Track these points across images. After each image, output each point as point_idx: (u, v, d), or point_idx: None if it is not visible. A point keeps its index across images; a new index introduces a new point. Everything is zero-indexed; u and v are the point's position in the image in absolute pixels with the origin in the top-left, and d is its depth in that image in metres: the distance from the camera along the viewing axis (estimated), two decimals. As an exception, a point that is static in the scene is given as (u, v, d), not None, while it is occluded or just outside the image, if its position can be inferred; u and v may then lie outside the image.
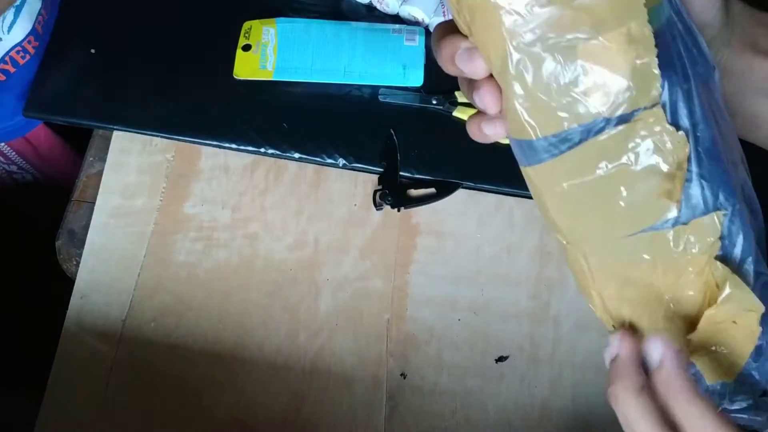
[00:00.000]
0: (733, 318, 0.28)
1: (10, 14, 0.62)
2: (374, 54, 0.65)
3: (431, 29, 0.67)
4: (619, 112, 0.25)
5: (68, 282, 0.61)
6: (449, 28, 0.29)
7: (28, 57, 0.65)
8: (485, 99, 0.28)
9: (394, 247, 0.62)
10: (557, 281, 0.62)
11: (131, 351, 0.58)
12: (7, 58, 0.64)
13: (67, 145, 0.81)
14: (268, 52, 0.65)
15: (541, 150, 0.27)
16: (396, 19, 0.68)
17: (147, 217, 0.62)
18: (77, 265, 0.61)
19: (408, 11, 0.67)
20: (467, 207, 0.63)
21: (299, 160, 0.63)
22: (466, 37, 0.28)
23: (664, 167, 0.26)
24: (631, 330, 0.30)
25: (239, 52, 0.65)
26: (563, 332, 0.61)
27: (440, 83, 0.65)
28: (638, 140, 0.26)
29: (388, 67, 0.64)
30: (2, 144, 0.73)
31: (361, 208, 0.63)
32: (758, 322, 0.28)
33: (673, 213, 0.27)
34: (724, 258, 0.28)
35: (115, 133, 0.64)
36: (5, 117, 0.68)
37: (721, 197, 0.27)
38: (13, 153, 0.76)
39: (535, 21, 0.24)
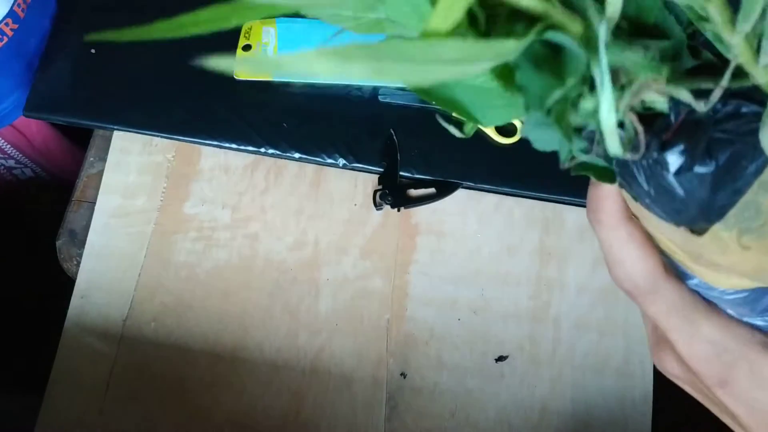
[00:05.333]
0: None
1: None
2: (374, 54, 0.65)
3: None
4: None
5: (68, 282, 0.61)
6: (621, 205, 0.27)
7: (6, 39, 0.64)
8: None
9: (394, 247, 0.62)
10: (557, 281, 0.62)
11: (131, 351, 0.58)
12: None
13: (63, 136, 0.81)
14: (269, 53, 0.65)
15: None
16: (396, 19, 0.68)
17: (147, 217, 0.62)
18: (77, 265, 0.61)
19: (408, 11, 0.66)
20: (467, 207, 0.63)
21: (299, 160, 0.63)
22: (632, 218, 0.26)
23: None
24: None
25: (239, 52, 0.65)
26: (563, 332, 0.61)
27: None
28: None
29: (388, 67, 0.64)
30: None
31: (361, 208, 0.63)
32: None
33: None
34: None
35: (116, 133, 0.65)
36: None
37: None
38: (8, 146, 0.75)
39: None
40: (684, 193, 0.21)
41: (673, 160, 0.20)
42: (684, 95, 0.20)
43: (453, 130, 0.27)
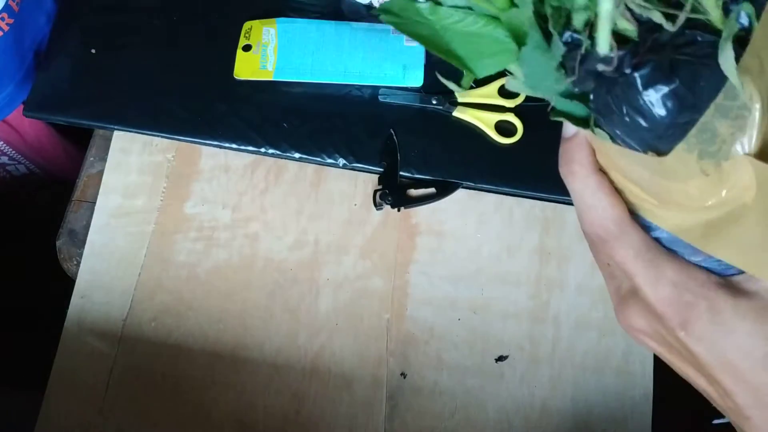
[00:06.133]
0: None
1: None
2: (374, 54, 0.65)
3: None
4: None
5: (68, 282, 0.61)
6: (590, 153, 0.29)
7: (1, 33, 0.64)
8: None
9: (394, 247, 0.62)
10: (557, 281, 0.62)
11: (131, 351, 0.58)
12: None
13: (58, 134, 0.81)
14: (269, 53, 0.65)
15: None
16: (396, 19, 0.68)
17: (147, 217, 0.62)
18: (78, 264, 0.61)
19: (408, 11, 0.66)
20: (467, 207, 0.64)
21: (299, 160, 0.63)
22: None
23: None
24: None
25: (239, 52, 0.65)
26: (563, 332, 0.61)
27: (440, 83, 0.65)
28: None
29: (388, 67, 0.64)
30: None
31: (361, 208, 0.63)
32: None
33: None
34: None
35: (116, 133, 0.65)
36: None
37: None
38: (0, 142, 0.75)
39: None
40: (652, 111, 0.24)
41: (642, 77, 0.24)
42: (656, 15, 0.24)
43: (451, 85, 0.32)
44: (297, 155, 0.63)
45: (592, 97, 0.26)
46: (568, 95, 0.27)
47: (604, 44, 0.24)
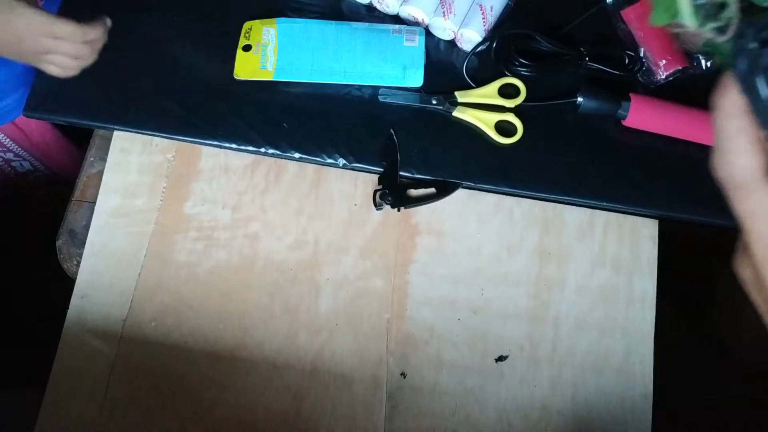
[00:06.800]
0: None
1: None
2: (374, 54, 0.65)
3: (431, 29, 0.67)
4: None
5: (69, 282, 0.61)
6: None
7: None
8: None
9: (394, 247, 0.62)
10: (557, 281, 0.62)
11: (131, 350, 0.58)
12: None
13: (62, 135, 0.81)
14: (269, 53, 0.65)
15: None
16: (396, 19, 0.68)
17: (147, 217, 0.62)
18: (78, 264, 0.61)
19: (408, 11, 0.67)
20: (467, 207, 0.64)
21: (299, 160, 0.63)
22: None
23: None
24: None
25: (239, 52, 0.65)
26: (563, 332, 0.61)
27: (440, 83, 0.65)
28: None
29: (388, 67, 0.64)
30: None
31: (361, 208, 0.63)
32: None
33: None
34: None
35: (116, 133, 0.65)
36: None
37: None
38: (7, 139, 0.75)
39: None
40: (763, 93, 0.21)
41: (764, 54, 0.21)
42: None
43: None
44: (297, 155, 0.63)
45: (732, 54, 0.24)
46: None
47: (688, 20, 0.22)
